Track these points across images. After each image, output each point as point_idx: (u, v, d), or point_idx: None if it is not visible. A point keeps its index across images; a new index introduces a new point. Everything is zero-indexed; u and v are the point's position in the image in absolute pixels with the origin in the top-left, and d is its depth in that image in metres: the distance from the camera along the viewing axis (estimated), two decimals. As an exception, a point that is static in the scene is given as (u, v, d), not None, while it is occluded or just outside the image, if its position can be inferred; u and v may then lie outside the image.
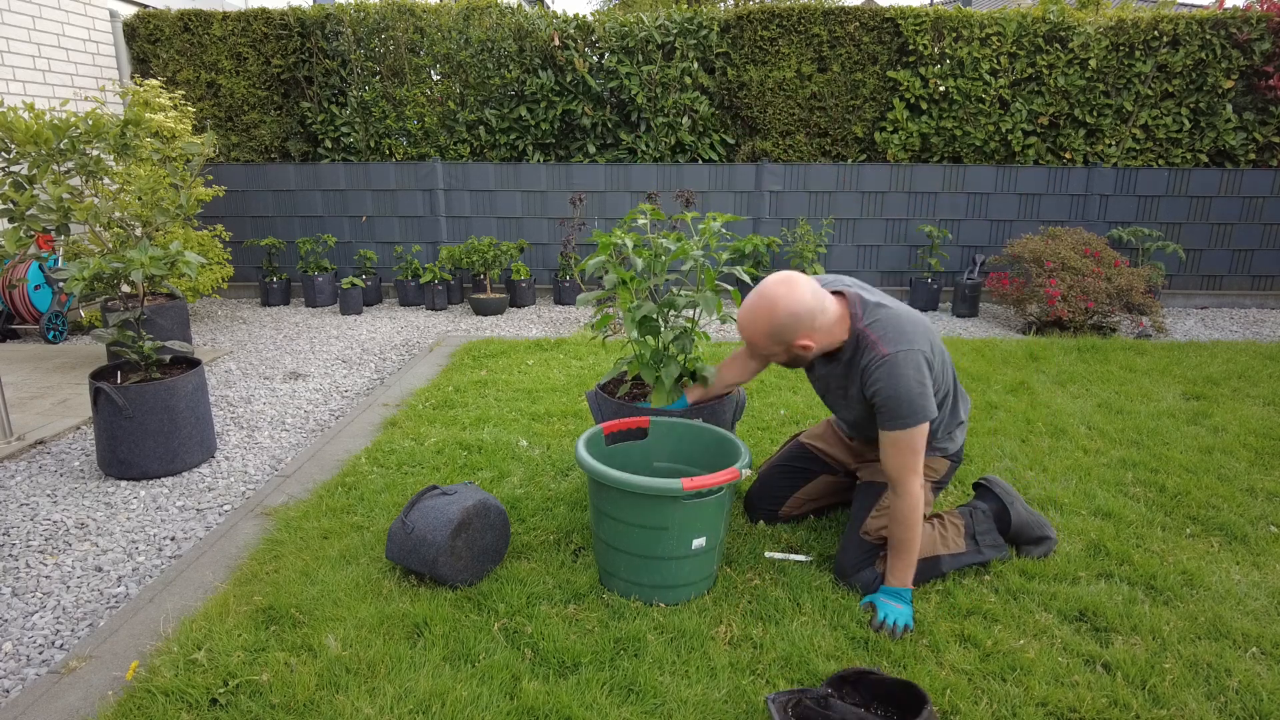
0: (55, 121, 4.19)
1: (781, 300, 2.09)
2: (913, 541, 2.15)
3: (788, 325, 2.11)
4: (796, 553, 2.52)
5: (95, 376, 3.19)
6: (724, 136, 6.90)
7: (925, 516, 2.37)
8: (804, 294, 2.10)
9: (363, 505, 2.83)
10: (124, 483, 3.19)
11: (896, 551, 2.17)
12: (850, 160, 6.85)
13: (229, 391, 4.39)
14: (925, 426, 2.09)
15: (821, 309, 2.13)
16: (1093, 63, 6.42)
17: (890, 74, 6.57)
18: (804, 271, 6.56)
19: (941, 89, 6.57)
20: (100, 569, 2.56)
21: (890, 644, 2.05)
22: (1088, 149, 6.69)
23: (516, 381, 4.33)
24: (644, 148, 6.80)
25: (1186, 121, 6.57)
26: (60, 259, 5.35)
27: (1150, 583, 2.36)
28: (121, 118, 4.57)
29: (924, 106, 6.63)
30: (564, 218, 6.79)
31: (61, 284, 5.35)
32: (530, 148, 6.91)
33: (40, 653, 2.14)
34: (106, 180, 4.73)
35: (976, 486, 2.60)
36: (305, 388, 4.47)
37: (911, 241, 6.86)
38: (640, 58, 6.62)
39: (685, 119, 6.75)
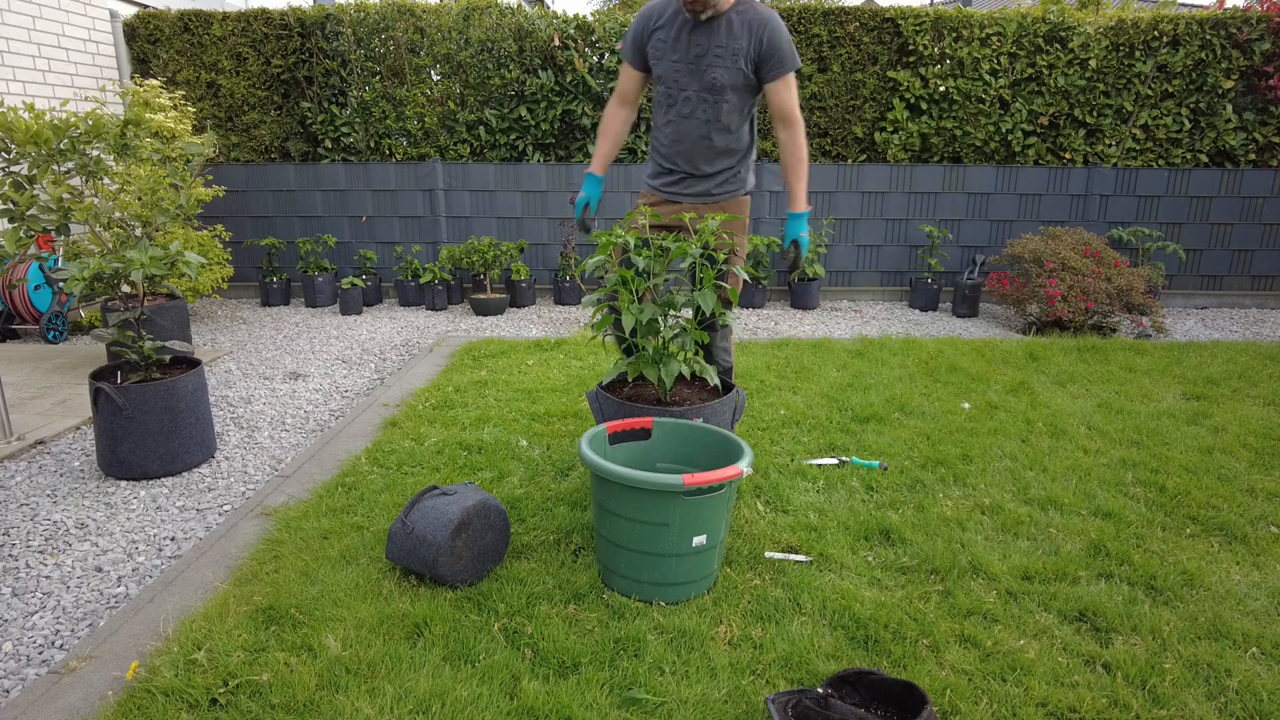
0: (55, 122, 4.19)
1: None
2: (806, 165, 2.78)
3: None
4: (796, 553, 2.52)
5: (95, 376, 3.19)
6: (724, 136, 6.89)
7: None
8: None
9: (363, 505, 2.83)
10: (124, 483, 3.19)
11: (798, 175, 2.76)
12: (850, 160, 6.85)
13: (229, 391, 4.39)
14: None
15: None
16: (1093, 63, 6.42)
17: (890, 74, 6.57)
18: (804, 271, 6.57)
19: (941, 89, 6.57)
20: (100, 569, 2.56)
21: (891, 644, 2.05)
22: (1088, 149, 6.69)
23: (516, 382, 4.33)
24: (644, 148, 6.80)
25: (1186, 122, 6.57)
26: (60, 259, 5.34)
27: (1150, 583, 2.36)
28: (121, 118, 4.57)
29: (924, 106, 6.63)
30: (564, 218, 6.79)
31: (61, 284, 5.36)
32: (530, 148, 6.91)
33: (40, 653, 2.14)
34: (106, 180, 4.73)
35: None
36: (305, 388, 4.47)
37: (911, 241, 6.86)
38: (640, 58, 6.62)
39: (685, 119, 6.74)
